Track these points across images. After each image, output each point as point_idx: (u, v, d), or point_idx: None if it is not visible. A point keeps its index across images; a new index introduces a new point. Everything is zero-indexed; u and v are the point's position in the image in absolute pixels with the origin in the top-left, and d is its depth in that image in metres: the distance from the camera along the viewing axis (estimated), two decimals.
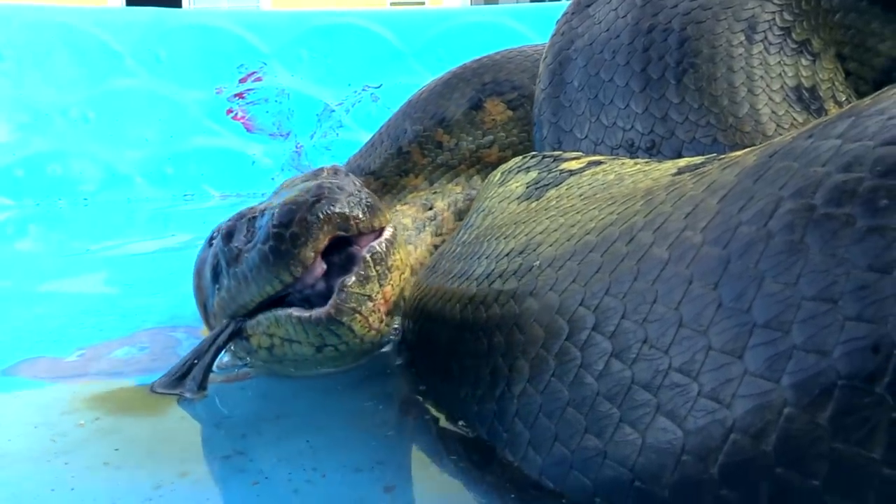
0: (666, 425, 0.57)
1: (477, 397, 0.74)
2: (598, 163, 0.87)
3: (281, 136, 2.58)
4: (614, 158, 0.88)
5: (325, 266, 0.84)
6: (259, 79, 2.58)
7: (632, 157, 0.86)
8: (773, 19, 0.83)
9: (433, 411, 0.84)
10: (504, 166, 1.00)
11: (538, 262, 0.72)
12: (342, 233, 0.83)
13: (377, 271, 0.83)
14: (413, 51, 2.59)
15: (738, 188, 0.59)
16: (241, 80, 2.58)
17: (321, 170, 0.98)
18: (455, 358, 0.79)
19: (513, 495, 0.68)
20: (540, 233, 0.77)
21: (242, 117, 2.58)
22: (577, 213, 0.76)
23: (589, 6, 0.96)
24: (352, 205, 0.84)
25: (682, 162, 0.78)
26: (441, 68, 2.59)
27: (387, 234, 0.88)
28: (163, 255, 1.76)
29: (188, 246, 1.79)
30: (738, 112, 0.79)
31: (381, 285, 0.84)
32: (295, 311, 0.85)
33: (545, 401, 0.66)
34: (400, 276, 0.88)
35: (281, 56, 2.59)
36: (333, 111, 2.57)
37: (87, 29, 2.48)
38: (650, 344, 0.59)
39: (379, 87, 2.59)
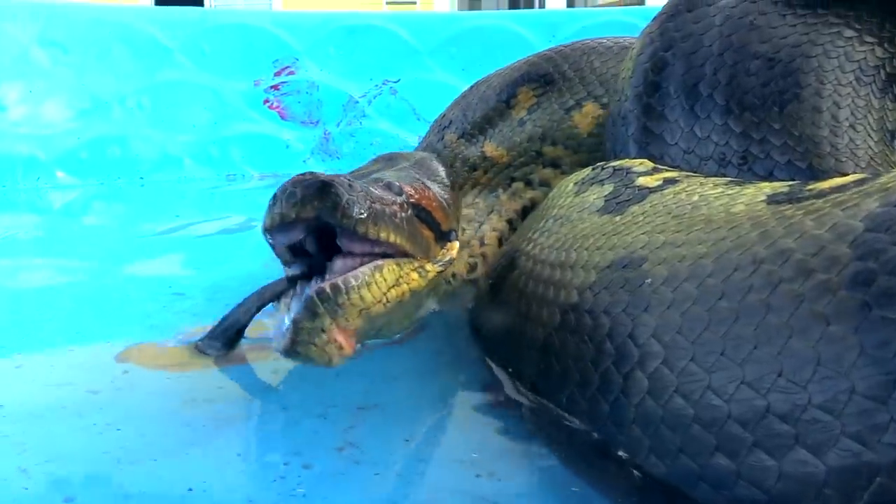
0: (806, 458, 0.51)
1: (586, 397, 0.68)
2: (675, 181, 0.80)
3: (311, 123, 2.48)
4: (689, 176, 0.81)
5: (302, 236, 0.78)
6: (292, 73, 2.46)
7: (721, 170, 0.79)
8: (883, 65, 0.76)
9: (527, 403, 0.77)
10: (575, 177, 0.92)
11: (649, 280, 0.65)
12: (327, 217, 0.76)
13: (325, 308, 0.75)
14: (428, 49, 2.48)
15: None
16: (277, 74, 2.46)
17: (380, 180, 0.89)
18: (556, 358, 0.73)
19: (626, 489, 0.62)
20: (640, 248, 0.70)
21: (277, 106, 2.47)
22: (677, 232, 0.68)
23: (690, 11, 0.86)
24: (350, 202, 0.76)
25: (767, 187, 0.71)
26: (453, 66, 2.50)
27: (363, 269, 0.78)
28: (225, 235, 1.66)
29: (244, 227, 1.70)
30: (838, 144, 0.73)
31: (333, 319, 0.75)
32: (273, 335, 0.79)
33: (667, 415, 0.60)
34: (360, 312, 0.77)
35: (311, 53, 2.47)
36: (357, 102, 2.47)
37: (142, 26, 2.33)
38: (786, 378, 0.53)
39: (397, 81, 2.49)
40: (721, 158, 0.78)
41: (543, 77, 1.17)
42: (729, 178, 0.77)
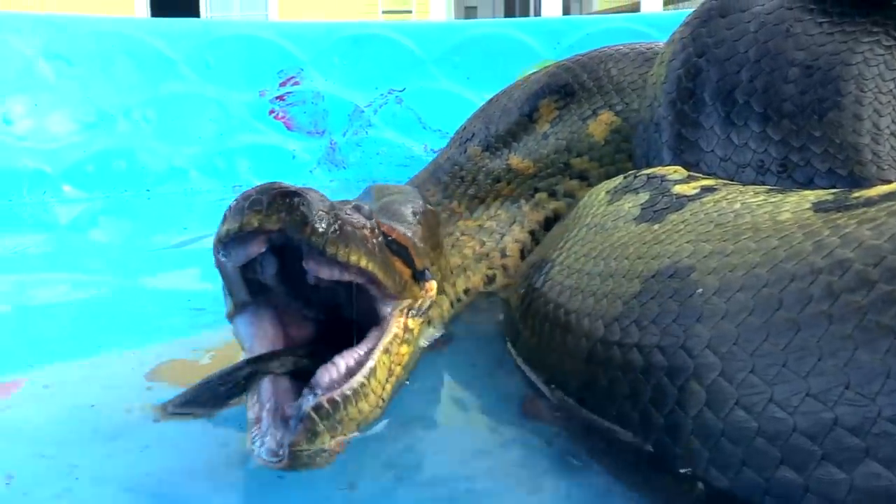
0: (878, 470, 0.51)
1: (638, 409, 0.66)
2: (713, 189, 0.79)
3: (317, 133, 2.46)
4: (727, 184, 0.80)
5: (261, 250, 0.67)
6: (297, 83, 2.45)
7: (759, 177, 0.78)
8: None
9: (571, 415, 0.75)
10: (606, 185, 0.91)
11: (700, 291, 0.64)
12: (292, 232, 0.66)
13: (324, 426, 0.66)
14: (432, 58, 2.48)
15: None
16: (282, 84, 2.45)
17: (347, 202, 0.80)
18: (602, 370, 0.71)
19: (683, 500, 0.61)
20: (686, 257, 0.69)
21: (283, 117, 2.46)
22: (724, 241, 0.68)
23: (723, 17, 0.85)
24: (319, 218, 0.67)
25: (810, 195, 0.70)
26: (457, 74, 2.50)
27: (351, 382, 0.69)
28: None
29: None
30: (880, 152, 0.72)
31: (332, 436, 0.67)
32: (262, 451, 0.66)
33: (728, 427, 0.59)
34: (357, 424, 0.70)
35: (316, 63, 2.46)
36: (363, 112, 2.45)
37: (145, 38, 2.31)
38: (854, 390, 0.52)
39: (402, 90, 2.48)
40: (760, 166, 0.78)
41: (563, 88, 1.18)
42: (768, 186, 0.77)
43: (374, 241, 0.76)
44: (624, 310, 0.70)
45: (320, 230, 0.68)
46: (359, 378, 0.70)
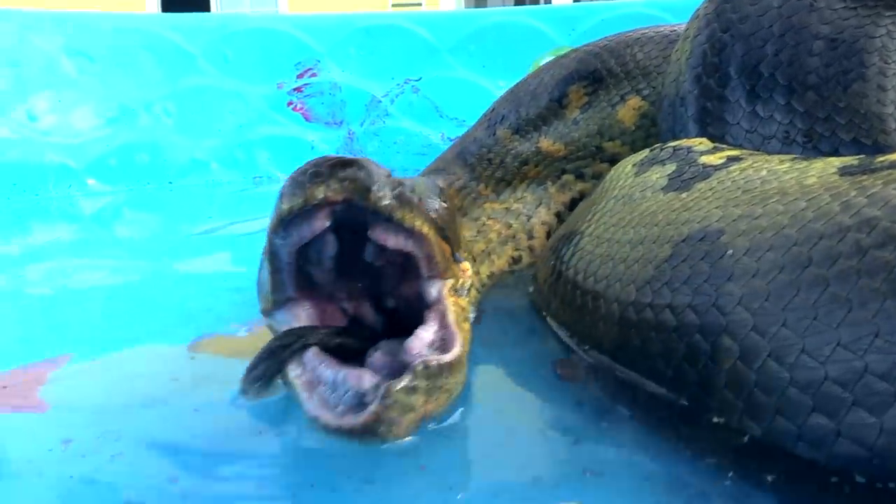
0: None
1: (672, 366, 0.69)
2: (738, 158, 0.81)
3: (335, 124, 2.49)
4: (752, 154, 0.82)
5: (326, 226, 0.66)
6: (314, 74, 2.48)
7: (785, 148, 0.80)
8: None
9: (604, 374, 0.78)
10: (632, 159, 0.93)
11: (731, 252, 0.66)
12: (359, 200, 0.65)
13: (425, 385, 0.63)
14: (447, 47, 2.50)
15: None
16: (299, 76, 2.48)
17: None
18: (635, 330, 0.74)
19: (719, 448, 0.63)
20: (716, 221, 0.71)
21: (301, 108, 2.48)
22: (752, 205, 0.70)
23: None
24: (381, 184, 0.66)
25: (836, 161, 0.72)
26: (473, 63, 2.52)
27: (454, 352, 0.67)
28: (264, 234, 1.68)
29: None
30: None
31: (425, 401, 0.63)
32: (323, 414, 0.63)
33: (761, 378, 0.61)
34: (448, 398, 0.67)
35: (333, 54, 2.49)
36: (380, 102, 2.48)
37: (164, 33, 2.35)
38: (883, 338, 0.55)
39: (419, 80, 2.51)
40: (785, 137, 0.80)
41: (592, 74, 1.20)
42: (793, 155, 0.79)
43: (431, 209, 0.75)
44: (655, 273, 0.72)
45: (386, 196, 0.66)
46: (457, 349, 0.68)
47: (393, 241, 0.70)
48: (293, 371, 0.70)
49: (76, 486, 0.65)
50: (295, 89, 2.45)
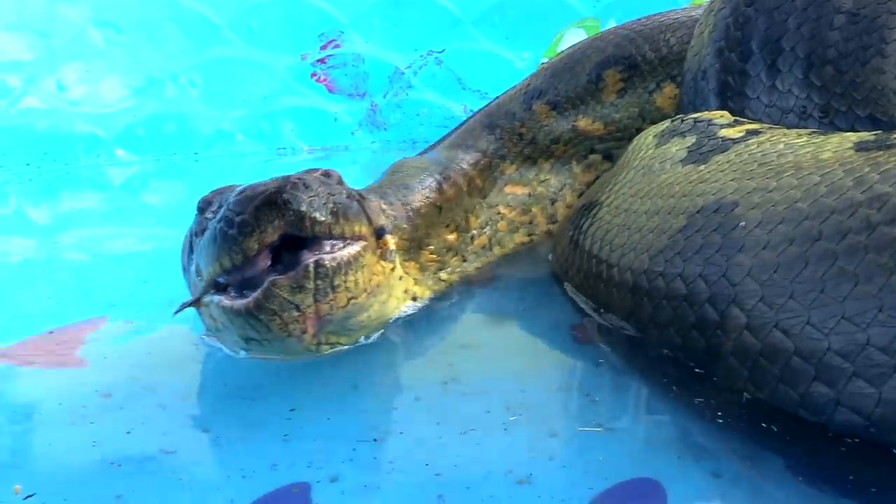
0: None
1: (681, 333, 0.72)
2: (757, 132, 0.83)
3: (358, 95, 2.51)
4: (771, 128, 0.84)
5: (269, 261, 0.70)
6: (338, 45, 2.50)
7: (802, 122, 0.82)
8: None
9: (617, 338, 0.81)
10: (653, 129, 0.95)
11: (743, 223, 0.69)
12: (295, 232, 0.68)
13: (315, 285, 0.67)
14: (471, 19, 2.50)
15: None
16: (323, 47, 2.50)
17: (314, 170, 0.81)
18: (647, 298, 0.77)
19: (731, 411, 0.66)
20: (731, 193, 0.73)
21: (325, 80, 2.51)
22: (767, 178, 0.72)
23: None
24: (313, 205, 0.68)
25: (852, 136, 0.74)
26: (496, 34, 2.52)
27: (350, 249, 0.70)
28: None
29: None
30: None
31: (315, 300, 0.68)
32: (224, 299, 0.71)
33: (766, 348, 0.64)
34: (349, 298, 0.70)
35: (356, 25, 2.50)
36: (403, 73, 2.49)
37: (190, 4, 2.38)
38: (886, 312, 0.57)
39: (442, 51, 2.51)
40: (802, 111, 0.81)
41: (627, 60, 1.21)
42: (811, 129, 0.80)
43: (355, 201, 0.76)
44: (669, 243, 0.75)
45: (320, 215, 0.68)
46: (356, 248, 0.70)
47: (330, 253, 0.71)
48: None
49: (116, 434, 0.70)
50: (318, 60, 2.47)
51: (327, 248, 0.72)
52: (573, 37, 2.48)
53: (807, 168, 0.70)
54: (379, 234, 0.83)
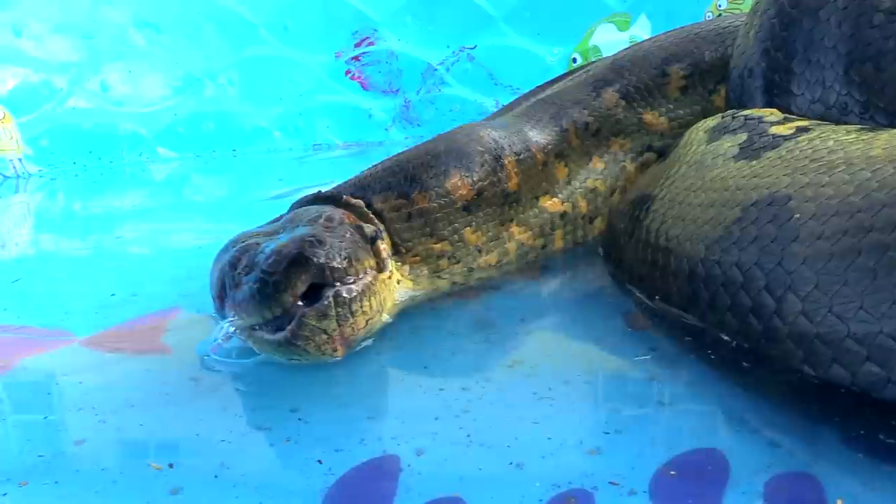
0: None
1: (738, 318, 0.77)
2: (807, 129, 0.88)
3: (392, 92, 2.57)
4: (820, 124, 0.88)
5: (301, 304, 0.83)
6: (371, 43, 2.55)
7: (843, 118, 0.86)
8: None
9: (672, 324, 0.86)
10: (704, 125, 1.00)
11: (798, 215, 0.74)
12: (318, 281, 0.82)
13: (337, 312, 0.82)
14: (502, 15, 2.55)
15: None
16: (357, 45, 2.56)
17: (319, 216, 0.93)
18: (703, 285, 0.82)
19: (782, 391, 0.71)
20: (784, 187, 0.78)
21: (359, 77, 2.57)
22: (819, 174, 0.77)
23: None
24: (330, 257, 0.83)
25: None
26: (527, 30, 2.56)
27: (363, 280, 0.85)
28: None
29: None
30: None
31: (339, 324, 0.82)
32: (265, 334, 0.84)
33: (822, 331, 0.69)
34: (366, 320, 0.85)
35: (389, 23, 2.56)
36: (436, 70, 2.55)
37: (227, 5, 2.45)
38: None
39: (474, 48, 2.56)
40: (843, 107, 0.86)
41: (690, 57, 1.23)
42: (859, 126, 0.85)
43: (358, 237, 0.91)
44: (724, 233, 0.80)
45: (336, 263, 0.83)
46: (366, 279, 0.85)
47: (346, 285, 0.85)
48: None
49: (210, 413, 0.77)
50: (353, 58, 2.53)
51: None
52: (604, 32, 2.53)
53: (857, 164, 0.74)
54: (373, 239, 0.95)
